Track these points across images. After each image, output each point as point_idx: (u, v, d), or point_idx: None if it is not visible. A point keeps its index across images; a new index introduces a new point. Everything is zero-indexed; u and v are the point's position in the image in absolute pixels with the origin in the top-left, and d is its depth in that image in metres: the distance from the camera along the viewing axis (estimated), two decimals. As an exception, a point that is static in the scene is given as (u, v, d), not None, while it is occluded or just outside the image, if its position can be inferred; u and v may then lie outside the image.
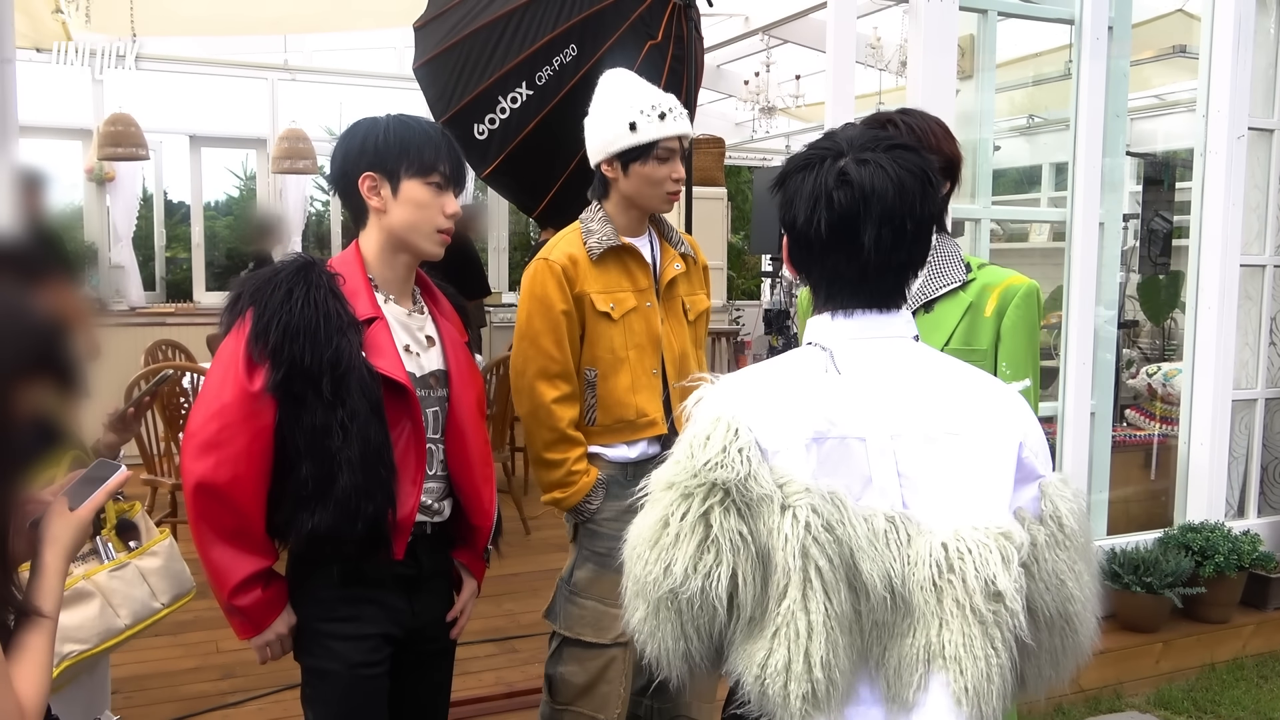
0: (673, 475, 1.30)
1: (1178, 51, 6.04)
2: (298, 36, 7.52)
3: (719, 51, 6.93)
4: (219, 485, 1.75)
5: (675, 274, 2.36)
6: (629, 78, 2.32)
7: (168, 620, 2.14)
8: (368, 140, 1.87)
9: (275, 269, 1.83)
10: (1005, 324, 1.97)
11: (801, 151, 1.42)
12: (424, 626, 1.98)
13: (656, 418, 2.30)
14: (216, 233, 8.86)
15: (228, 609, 1.84)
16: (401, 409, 1.85)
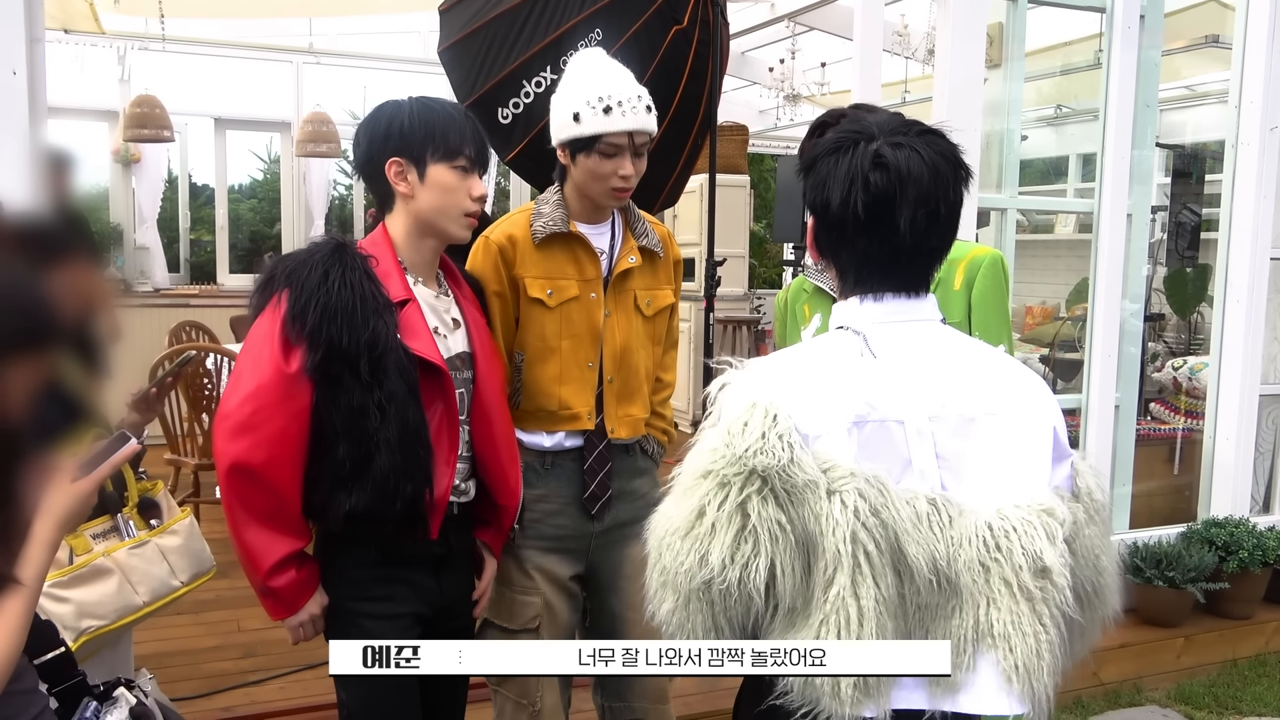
0: (709, 463, 1.28)
1: (1210, 41, 5.96)
2: (323, 19, 7.53)
3: (744, 38, 6.89)
4: (254, 467, 1.75)
5: (629, 266, 2.26)
6: (590, 62, 2.21)
7: (189, 599, 2.16)
8: (393, 125, 1.86)
9: (309, 250, 1.84)
10: (975, 294, 2.01)
11: (830, 136, 1.40)
12: (450, 606, 2.01)
13: (580, 411, 2.22)
14: (240, 215, 8.91)
15: (262, 590, 1.84)
16: (435, 390, 1.87)
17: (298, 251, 1.86)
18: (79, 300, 1.80)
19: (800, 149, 1.96)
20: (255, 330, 1.80)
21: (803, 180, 1.42)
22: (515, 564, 2.26)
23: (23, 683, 1.36)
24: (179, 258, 8.00)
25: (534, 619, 2.25)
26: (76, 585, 1.85)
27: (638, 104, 2.12)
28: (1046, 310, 7.35)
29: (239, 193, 9.18)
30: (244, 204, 9.25)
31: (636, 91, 2.14)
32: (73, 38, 6.61)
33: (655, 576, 1.32)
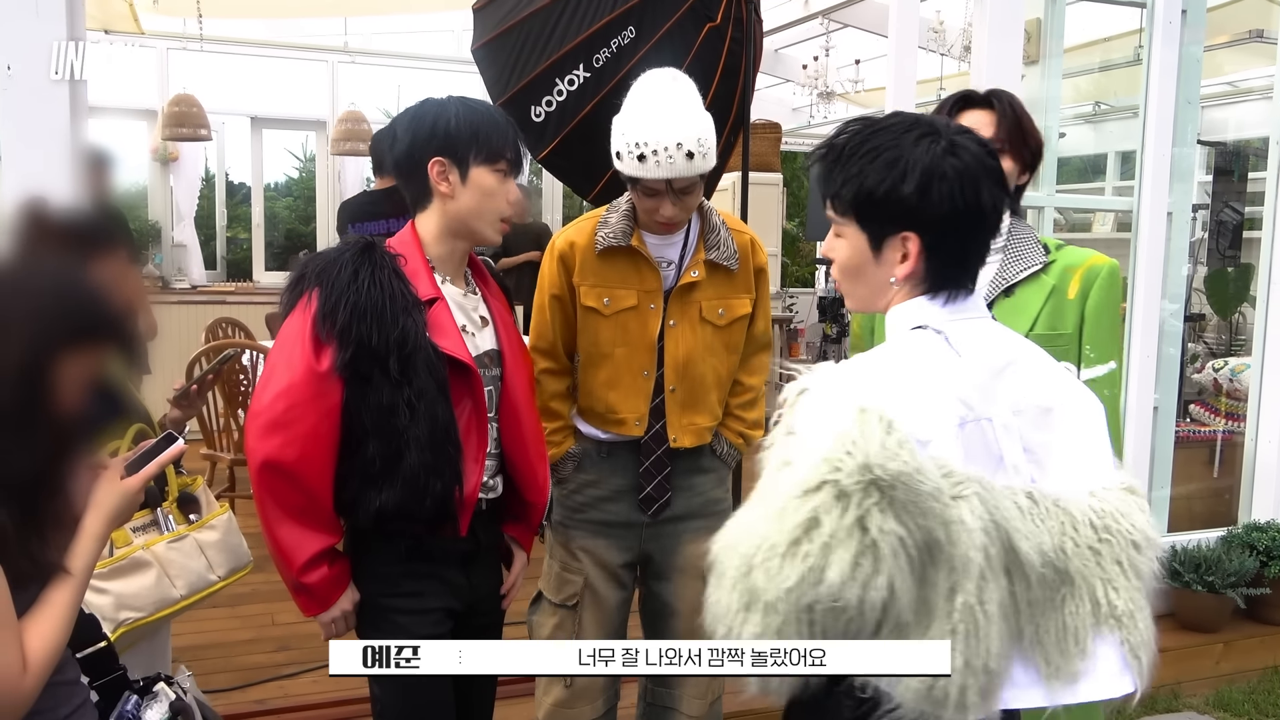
0: (822, 474, 1.19)
1: (1254, 36, 5.87)
2: (358, 19, 7.59)
3: (777, 35, 6.87)
4: (286, 464, 1.76)
5: (692, 280, 2.24)
6: (643, 94, 2.14)
7: (226, 593, 2.18)
8: (438, 124, 1.86)
9: (339, 249, 1.85)
10: (1089, 306, 1.96)
11: (909, 135, 1.35)
12: (479, 600, 2.02)
13: (628, 418, 2.26)
14: (276, 213, 9.00)
15: (294, 586, 1.86)
16: (464, 388, 1.87)
17: (328, 250, 1.88)
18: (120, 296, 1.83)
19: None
20: (286, 328, 1.82)
21: (912, 201, 1.33)
22: (565, 542, 2.35)
23: (65, 674, 1.39)
24: (215, 255, 8.10)
25: (573, 596, 2.34)
26: (116, 577, 1.88)
27: (676, 153, 2.04)
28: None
29: (275, 191, 9.28)
30: (280, 202, 9.35)
31: (676, 139, 2.04)
32: (112, 38, 6.71)
33: (736, 597, 1.24)
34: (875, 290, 1.42)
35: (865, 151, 1.35)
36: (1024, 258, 1.98)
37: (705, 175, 2.15)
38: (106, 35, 6.58)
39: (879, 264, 1.38)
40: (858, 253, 1.39)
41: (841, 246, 1.42)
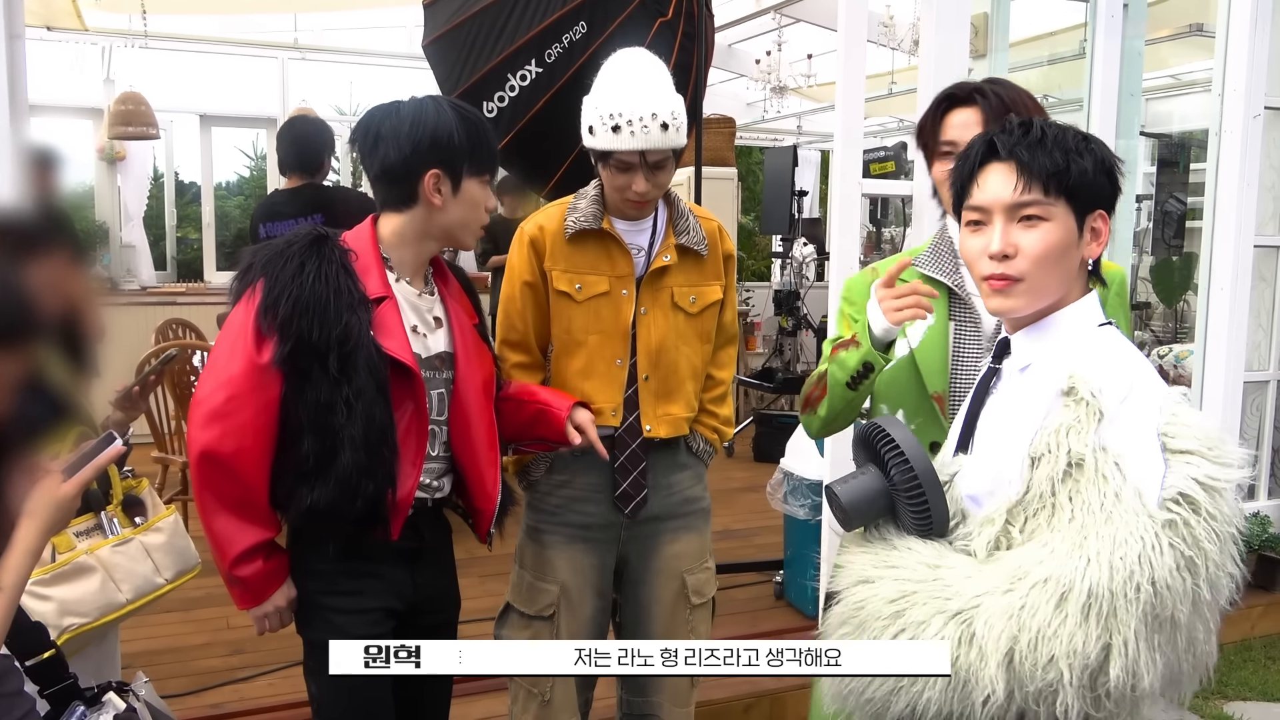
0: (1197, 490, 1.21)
1: (1194, 30, 5.97)
2: (308, 15, 7.49)
3: (730, 30, 6.89)
4: (223, 455, 1.74)
5: (664, 264, 2.22)
6: (615, 69, 2.15)
7: (179, 597, 2.15)
8: (439, 136, 1.82)
9: (288, 240, 1.82)
10: (1108, 312, 1.96)
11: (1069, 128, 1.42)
12: (426, 600, 1.99)
13: (605, 408, 2.20)
14: (227, 212, 8.88)
15: (228, 579, 1.84)
16: (406, 390, 1.84)
17: (276, 241, 1.84)
18: (63, 298, 1.79)
19: (921, 124, 1.94)
20: (231, 319, 1.79)
21: (1104, 179, 1.39)
22: (538, 549, 2.27)
23: (7, 685, 1.35)
24: (165, 255, 7.97)
25: (549, 607, 2.25)
26: (59, 583, 1.84)
27: (650, 123, 2.05)
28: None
29: (226, 190, 9.16)
30: (231, 201, 9.23)
31: (651, 109, 2.05)
32: (55, 35, 6.57)
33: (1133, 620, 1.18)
34: (1065, 279, 1.39)
35: (1053, 133, 1.38)
36: None
37: (678, 153, 2.15)
38: (49, 32, 6.44)
39: (1079, 246, 1.39)
40: (1069, 234, 1.37)
41: (1046, 233, 1.36)
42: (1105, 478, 1.21)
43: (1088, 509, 1.21)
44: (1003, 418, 1.41)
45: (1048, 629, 1.16)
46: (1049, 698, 1.17)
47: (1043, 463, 1.26)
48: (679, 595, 2.32)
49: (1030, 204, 1.37)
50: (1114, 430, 1.24)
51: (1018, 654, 1.17)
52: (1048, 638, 1.16)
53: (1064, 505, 1.23)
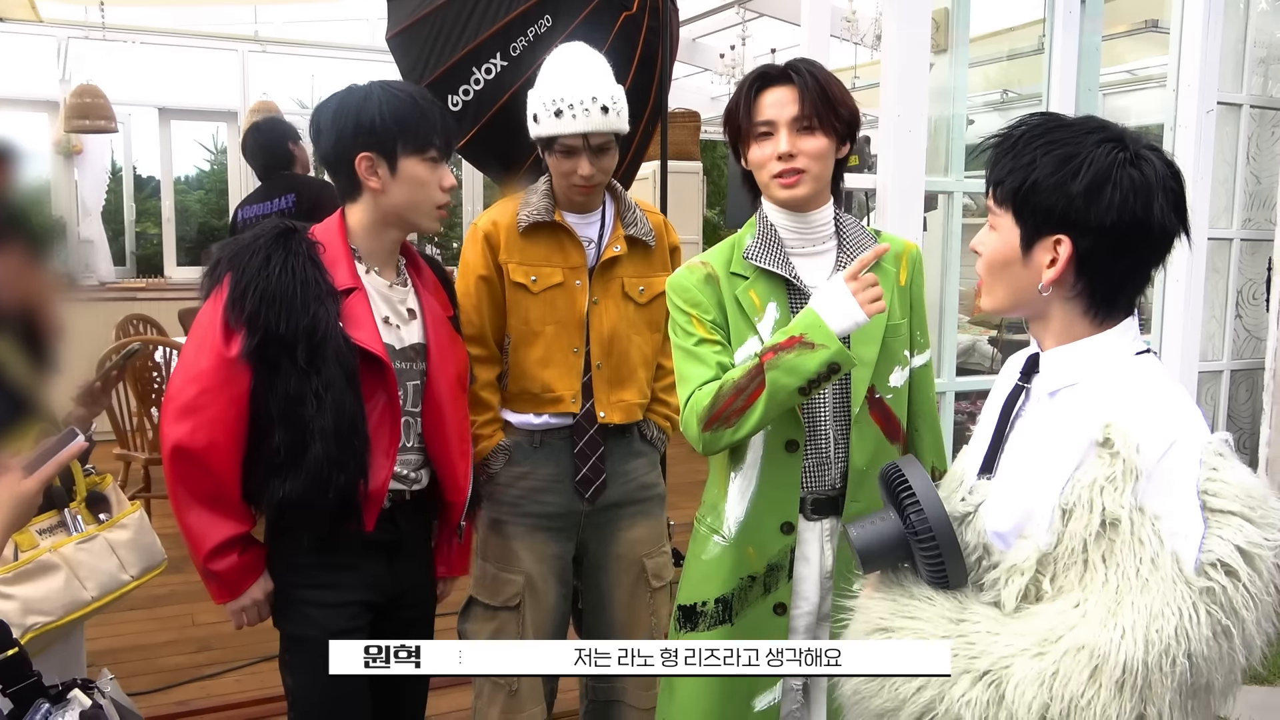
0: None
1: (1150, 26, 6.07)
2: (268, 6, 7.41)
3: (694, 25, 6.90)
4: (195, 450, 1.74)
5: (614, 255, 2.28)
6: (555, 61, 2.20)
7: (144, 594, 2.13)
8: (362, 117, 1.81)
9: (254, 234, 1.82)
10: (915, 292, 1.90)
11: (1100, 149, 1.26)
12: (404, 593, 1.99)
13: (564, 394, 2.26)
14: (188, 207, 8.76)
15: (204, 573, 1.84)
16: (377, 381, 1.84)
17: (243, 235, 1.84)
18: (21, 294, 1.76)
19: (731, 108, 1.86)
20: (201, 314, 1.79)
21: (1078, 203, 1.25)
22: (501, 541, 2.29)
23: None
24: (125, 251, 7.85)
25: (514, 597, 2.28)
26: (22, 581, 1.82)
27: (591, 106, 2.11)
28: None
29: (185, 184, 9.02)
30: (191, 195, 9.09)
31: (591, 93, 2.12)
32: (8, 26, 6.44)
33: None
34: (1016, 294, 1.33)
35: (1042, 143, 1.28)
36: (863, 246, 1.84)
37: (620, 137, 2.19)
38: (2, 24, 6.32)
39: (1025, 265, 1.30)
40: (1007, 247, 1.31)
41: (992, 239, 1.34)
42: (1142, 542, 1.17)
43: (1122, 574, 1.17)
44: (1031, 448, 1.34)
45: (1080, 699, 1.14)
46: None
47: (1074, 518, 1.21)
48: (639, 579, 2.37)
49: (990, 210, 1.37)
50: (1152, 487, 1.19)
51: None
52: (1080, 708, 1.14)
53: (1097, 565, 1.19)
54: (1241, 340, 4.50)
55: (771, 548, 1.84)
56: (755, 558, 1.85)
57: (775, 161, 1.78)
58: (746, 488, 1.84)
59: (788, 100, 1.78)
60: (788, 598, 1.85)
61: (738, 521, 1.85)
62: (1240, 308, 4.48)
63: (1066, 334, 1.33)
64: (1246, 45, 4.33)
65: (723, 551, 1.87)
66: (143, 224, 8.25)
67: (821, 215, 1.85)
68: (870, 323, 1.72)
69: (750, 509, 1.84)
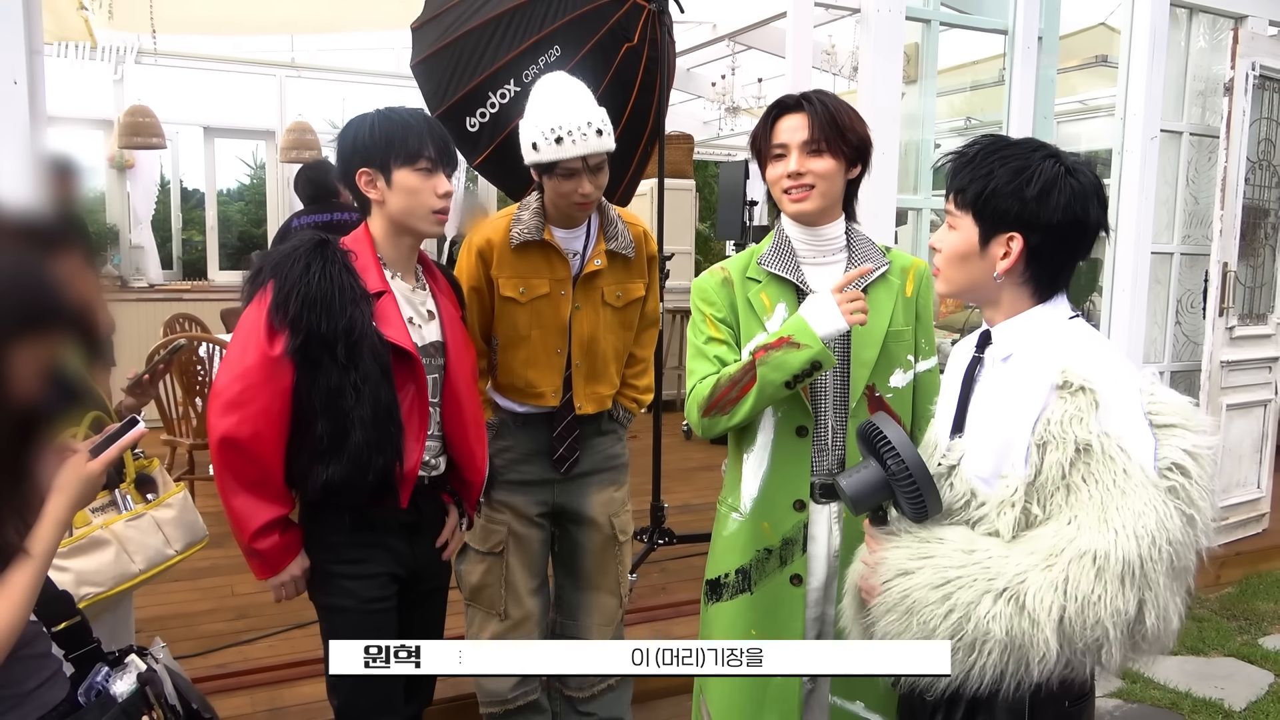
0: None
1: (1100, 61, 6.07)
2: (304, 36, 7.39)
3: (689, 55, 6.88)
4: (241, 440, 1.76)
5: (596, 269, 2.32)
6: (546, 91, 2.20)
7: (186, 567, 2.12)
8: (358, 139, 1.86)
9: (294, 245, 1.83)
10: (921, 303, 1.93)
11: (1046, 163, 1.39)
12: (423, 567, 2.01)
13: (545, 391, 2.33)
14: (229, 217, 8.73)
15: (248, 551, 1.85)
16: (407, 374, 1.86)
17: (283, 246, 1.85)
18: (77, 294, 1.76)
19: (755, 133, 1.90)
20: (245, 317, 1.80)
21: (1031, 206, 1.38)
22: (488, 498, 2.38)
23: (35, 648, 1.33)
24: (172, 256, 7.84)
25: (499, 543, 2.40)
26: (76, 555, 1.81)
27: (587, 130, 2.13)
28: (958, 300, 7.46)
29: (227, 196, 8.99)
30: (232, 206, 9.07)
31: (586, 119, 2.13)
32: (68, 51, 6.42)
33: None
34: (975, 281, 1.46)
35: (997, 157, 1.40)
36: (871, 259, 1.88)
37: (609, 155, 2.21)
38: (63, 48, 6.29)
39: (983, 258, 1.43)
40: (966, 243, 1.43)
41: (952, 237, 1.46)
42: (1112, 458, 1.27)
43: (1103, 487, 1.27)
44: (994, 404, 1.44)
45: (1092, 596, 1.24)
46: (1094, 651, 1.26)
47: (1050, 449, 1.32)
48: (609, 537, 2.50)
49: (949, 213, 1.46)
50: (1109, 415, 1.29)
51: (1067, 620, 1.25)
52: (1093, 604, 1.24)
53: (1079, 485, 1.30)
54: (1180, 344, 4.50)
55: (785, 523, 1.87)
56: (770, 532, 1.88)
57: (786, 179, 1.83)
58: (759, 467, 1.88)
59: (800, 126, 1.82)
60: (803, 569, 1.88)
61: (752, 499, 1.89)
62: (1180, 315, 4.48)
63: (1013, 311, 1.45)
64: (1187, 79, 4.33)
65: (740, 527, 1.91)
66: (188, 232, 8.23)
67: (832, 229, 1.89)
68: (871, 327, 1.82)
69: (764, 487, 1.88)
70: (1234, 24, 4.24)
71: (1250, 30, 4.19)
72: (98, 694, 1.39)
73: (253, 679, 2.95)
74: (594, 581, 2.50)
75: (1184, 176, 4.35)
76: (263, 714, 2.76)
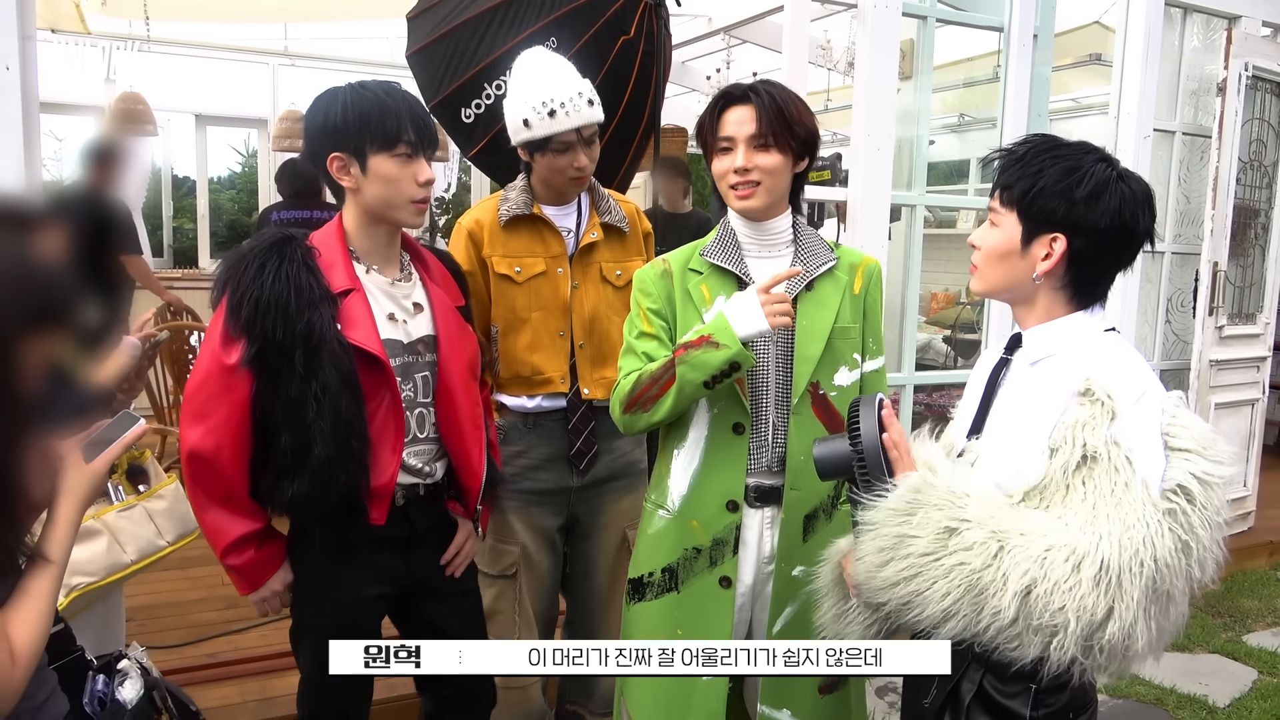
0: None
1: (1093, 59, 6.08)
2: (298, 24, 7.35)
3: (685, 49, 6.86)
4: (205, 453, 1.67)
5: (592, 241, 2.25)
6: (532, 66, 2.15)
7: (177, 556, 2.12)
8: (329, 119, 1.70)
9: (251, 245, 1.72)
10: (869, 302, 1.88)
11: (1099, 166, 1.36)
12: (422, 580, 1.90)
13: (553, 376, 2.23)
14: (220, 205, 8.70)
15: (225, 567, 1.78)
16: (379, 379, 1.73)
17: (241, 246, 1.75)
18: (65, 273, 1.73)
19: (700, 122, 1.82)
20: (210, 325, 1.72)
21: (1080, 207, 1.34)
22: (498, 515, 2.26)
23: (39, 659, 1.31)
24: (163, 244, 7.80)
25: (511, 566, 2.27)
26: (70, 545, 1.80)
27: (579, 100, 2.09)
28: (949, 296, 7.48)
29: (219, 184, 8.96)
30: (223, 194, 9.04)
31: (577, 89, 2.10)
32: (59, 37, 6.37)
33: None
34: (1012, 280, 1.42)
35: (1048, 156, 1.37)
36: (818, 255, 1.84)
37: (606, 145, 2.18)
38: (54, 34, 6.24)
39: (1023, 257, 1.39)
40: (1008, 241, 1.40)
41: (994, 234, 1.43)
42: (1117, 469, 1.26)
43: (1099, 494, 1.26)
44: (1018, 409, 1.41)
45: (1064, 583, 1.22)
46: (1047, 634, 1.24)
47: (1058, 454, 1.30)
48: (620, 546, 2.37)
49: (993, 210, 1.43)
50: (1125, 428, 1.27)
51: (1034, 594, 1.23)
52: (1063, 590, 1.22)
53: (1077, 488, 1.28)
54: (1170, 343, 4.53)
55: (716, 523, 1.81)
56: (699, 531, 1.82)
57: (733, 174, 1.77)
58: (689, 464, 1.83)
59: (747, 119, 1.76)
60: (733, 572, 1.82)
61: (681, 496, 1.83)
62: (1170, 314, 4.50)
63: (1048, 316, 1.42)
64: (1180, 78, 4.34)
65: (667, 525, 1.85)
66: (179, 220, 8.20)
67: (778, 224, 1.84)
68: (815, 323, 1.78)
69: (694, 485, 1.82)
70: (1228, 24, 4.25)
71: (1244, 31, 4.20)
72: (103, 702, 1.36)
73: (243, 668, 2.95)
74: (607, 596, 2.38)
75: (1176, 176, 4.37)
76: (253, 703, 2.76)
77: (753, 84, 1.80)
